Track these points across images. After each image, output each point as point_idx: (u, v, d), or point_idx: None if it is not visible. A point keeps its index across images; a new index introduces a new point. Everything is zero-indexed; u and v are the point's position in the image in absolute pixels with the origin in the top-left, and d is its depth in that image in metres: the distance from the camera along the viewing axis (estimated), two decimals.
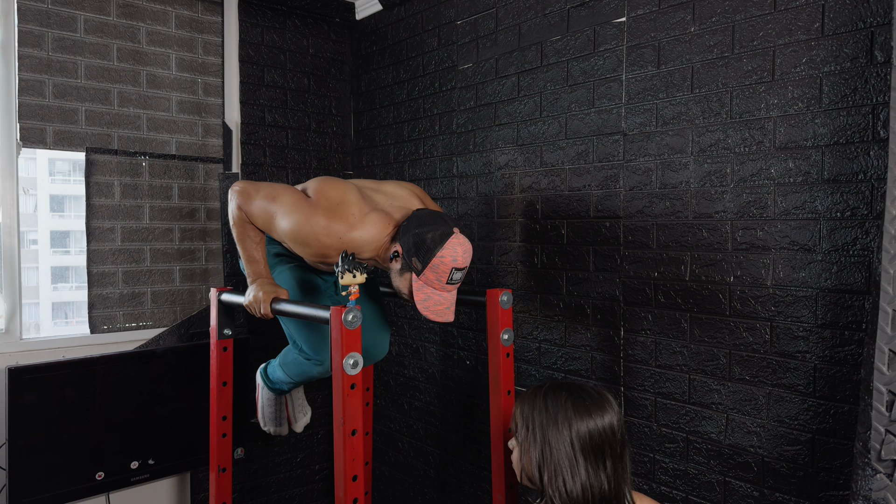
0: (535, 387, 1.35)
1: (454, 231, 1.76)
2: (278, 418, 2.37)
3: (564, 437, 1.24)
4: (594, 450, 1.24)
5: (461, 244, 1.76)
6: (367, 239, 1.84)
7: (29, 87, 2.37)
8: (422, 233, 1.75)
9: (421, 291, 1.78)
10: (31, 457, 2.18)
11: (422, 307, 1.79)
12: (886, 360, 1.29)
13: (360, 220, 1.84)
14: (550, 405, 1.28)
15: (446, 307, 1.81)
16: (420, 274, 1.77)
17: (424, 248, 1.74)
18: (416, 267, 1.77)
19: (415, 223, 1.78)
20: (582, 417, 1.25)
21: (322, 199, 1.87)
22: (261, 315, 1.89)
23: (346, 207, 1.85)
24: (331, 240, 1.82)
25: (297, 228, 1.84)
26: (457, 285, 1.81)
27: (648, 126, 1.96)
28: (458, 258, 1.75)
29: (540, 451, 1.26)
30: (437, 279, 1.76)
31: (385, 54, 3.00)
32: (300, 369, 2.12)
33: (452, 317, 1.82)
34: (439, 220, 1.78)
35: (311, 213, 1.84)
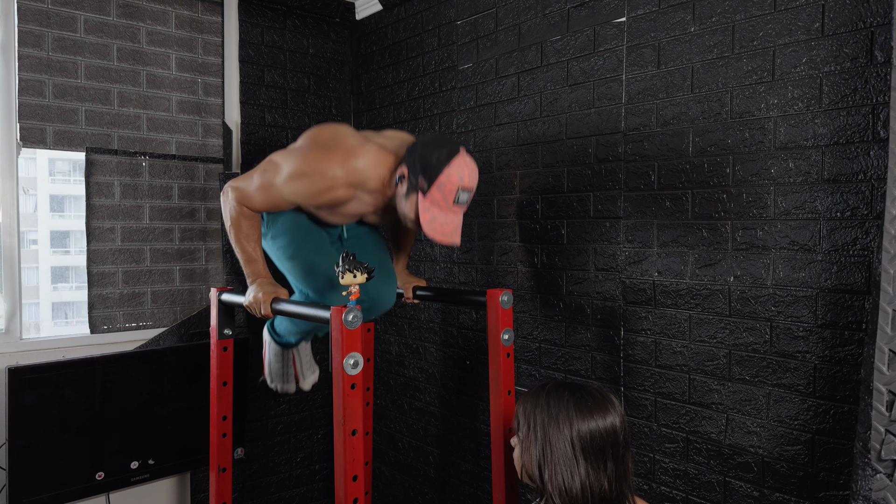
0: (538, 386, 1.35)
1: (460, 150, 1.74)
2: (285, 374, 2.33)
3: (565, 436, 1.24)
4: (595, 450, 1.24)
5: (467, 164, 1.74)
6: (368, 166, 1.82)
7: (29, 87, 2.37)
8: (427, 152, 1.73)
9: (427, 212, 1.76)
10: (31, 457, 2.18)
11: (428, 228, 1.76)
12: (886, 360, 1.29)
13: (359, 149, 1.83)
14: (552, 404, 1.28)
15: (453, 228, 1.78)
16: (426, 193, 1.74)
17: (430, 167, 1.72)
18: (422, 186, 1.74)
19: (420, 144, 1.77)
20: (583, 417, 1.25)
21: (316, 141, 1.88)
22: (261, 315, 1.89)
23: (343, 140, 1.85)
24: (333, 171, 1.79)
25: (298, 170, 1.81)
26: (463, 207, 1.79)
27: (648, 126, 1.96)
28: (464, 177, 1.73)
29: (541, 450, 1.27)
30: (443, 199, 1.74)
31: (385, 54, 3.00)
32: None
33: (459, 240, 1.80)
34: (445, 140, 1.76)
35: (308, 153, 1.83)
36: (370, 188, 1.86)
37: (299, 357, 2.37)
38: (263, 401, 2.95)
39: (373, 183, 1.85)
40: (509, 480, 1.88)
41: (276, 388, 2.34)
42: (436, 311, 2.78)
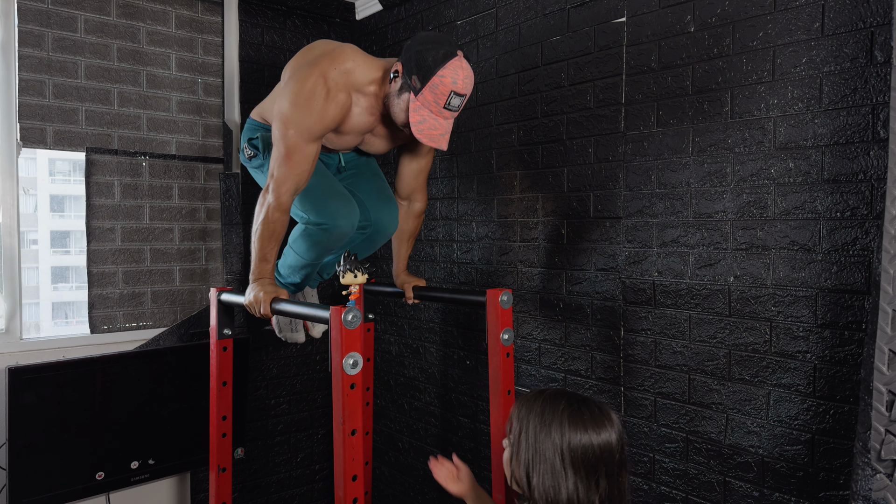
0: (537, 390, 1.33)
1: (458, 53, 1.72)
2: (293, 323, 2.29)
3: (555, 445, 1.21)
4: (586, 466, 1.20)
5: (463, 68, 1.72)
6: (358, 66, 1.82)
7: (29, 87, 2.37)
8: (424, 50, 1.71)
9: (417, 113, 1.75)
10: (31, 457, 2.18)
11: (416, 129, 1.75)
12: (886, 360, 1.29)
13: (340, 51, 1.84)
14: (547, 411, 1.25)
15: (440, 133, 1.77)
16: (418, 93, 1.73)
17: (425, 66, 1.70)
18: (414, 86, 1.73)
19: (418, 41, 1.75)
20: (576, 430, 1.21)
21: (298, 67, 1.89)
22: (261, 315, 1.89)
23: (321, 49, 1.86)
24: (327, 74, 1.79)
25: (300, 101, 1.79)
26: (454, 113, 1.77)
27: (648, 126, 1.96)
28: (458, 81, 1.71)
29: (530, 456, 1.24)
30: (434, 101, 1.72)
31: (385, 54, 3.00)
32: (311, 241, 2.04)
33: (446, 145, 1.79)
34: (443, 40, 1.75)
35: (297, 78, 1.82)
36: (364, 90, 1.86)
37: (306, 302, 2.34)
38: (263, 401, 2.95)
39: (365, 83, 1.84)
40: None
41: (285, 337, 2.29)
42: (436, 311, 2.78)
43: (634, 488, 2.02)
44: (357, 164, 2.23)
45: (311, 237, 2.02)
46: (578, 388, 2.19)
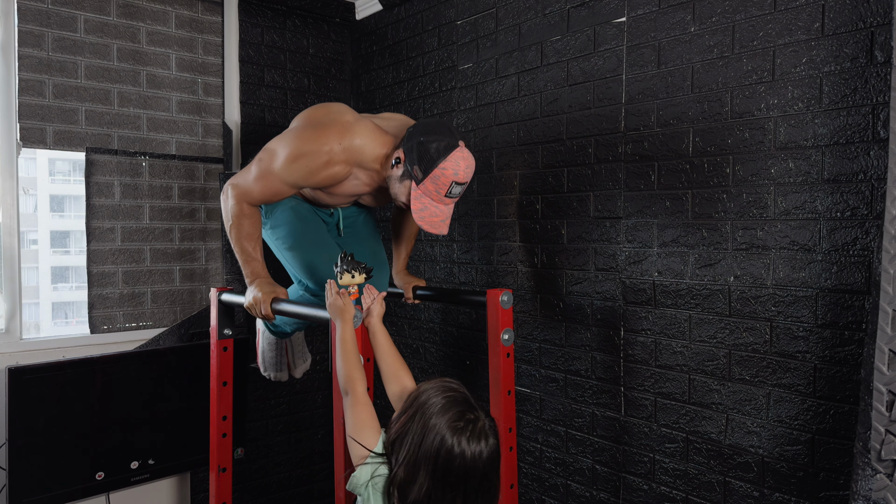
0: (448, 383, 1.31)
1: (459, 144, 1.73)
2: (279, 363, 2.34)
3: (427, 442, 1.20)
4: (445, 472, 1.19)
5: (464, 158, 1.73)
6: (366, 144, 1.82)
7: (29, 87, 2.37)
8: (426, 141, 1.72)
9: (419, 201, 1.76)
10: (31, 457, 2.18)
11: (417, 216, 1.77)
12: (886, 360, 1.29)
13: (356, 125, 1.83)
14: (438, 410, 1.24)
15: (441, 220, 1.79)
16: (420, 183, 1.74)
17: (427, 158, 1.71)
18: (416, 175, 1.74)
19: (420, 130, 1.76)
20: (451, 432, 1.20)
21: (311, 120, 1.88)
22: (261, 315, 1.89)
23: (338, 116, 1.85)
24: (330, 147, 1.79)
25: (295, 151, 1.80)
26: (455, 199, 1.79)
27: (648, 126, 1.96)
28: (459, 172, 1.72)
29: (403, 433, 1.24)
30: (436, 191, 1.74)
31: (385, 54, 3.00)
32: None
33: (447, 230, 1.81)
34: (445, 130, 1.75)
35: (304, 134, 1.83)
36: (367, 166, 1.86)
37: (292, 346, 2.37)
38: (263, 401, 2.95)
39: (370, 161, 1.85)
40: (509, 480, 1.88)
41: (269, 376, 2.35)
42: (436, 311, 2.78)
43: (634, 488, 2.02)
44: (356, 223, 2.24)
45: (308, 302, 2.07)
46: (578, 388, 2.19)
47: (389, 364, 1.59)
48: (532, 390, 2.36)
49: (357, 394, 1.41)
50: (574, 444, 2.22)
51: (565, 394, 2.24)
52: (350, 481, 1.30)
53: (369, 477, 1.27)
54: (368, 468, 1.28)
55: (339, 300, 1.56)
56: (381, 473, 1.26)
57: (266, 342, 2.30)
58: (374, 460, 1.28)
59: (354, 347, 1.50)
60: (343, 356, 1.48)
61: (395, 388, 1.54)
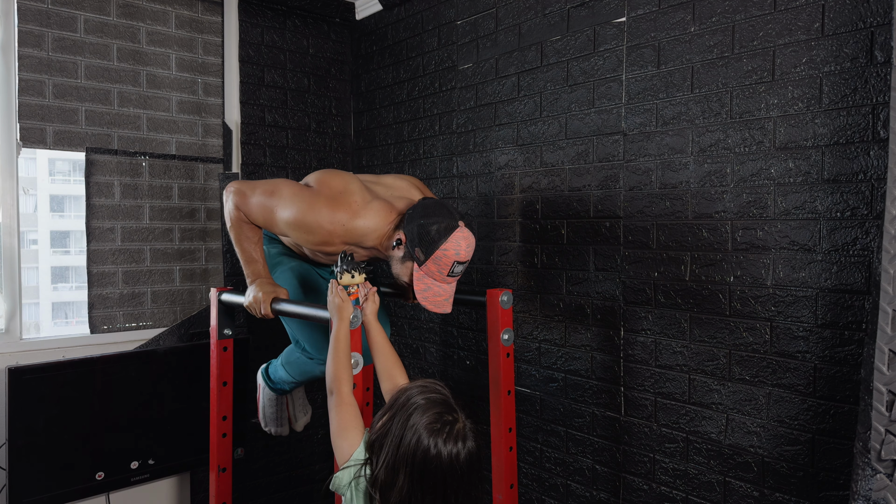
0: (431, 384, 1.31)
1: (459, 224, 1.76)
2: (279, 418, 2.37)
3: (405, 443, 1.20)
4: (422, 473, 1.19)
5: (465, 238, 1.75)
6: (370, 227, 1.84)
7: (29, 87, 2.37)
8: (427, 224, 1.74)
9: (421, 282, 1.78)
10: (31, 457, 2.18)
11: (421, 297, 1.79)
12: (886, 360, 1.29)
13: (363, 208, 1.84)
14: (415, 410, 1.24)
15: (445, 299, 1.81)
16: (422, 265, 1.76)
17: (428, 240, 1.73)
18: (418, 257, 1.76)
19: (420, 213, 1.77)
20: (428, 432, 1.20)
21: (324, 188, 1.88)
22: (261, 315, 1.89)
23: (349, 196, 1.85)
24: (334, 227, 1.82)
25: (300, 217, 1.83)
26: (457, 277, 1.81)
27: (648, 126, 1.96)
28: (461, 252, 1.75)
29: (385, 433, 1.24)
30: (438, 271, 1.76)
31: (385, 54, 3.00)
32: (302, 368, 2.12)
33: (450, 308, 1.82)
34: (445, 212, 1.78)
35: (314, 202, 1.84)
36: (368, 245, 1.89)
37: (292, 401, 2.40)
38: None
39: (371, 240, 1.87)
40: (509, 480, 1.88)
41: (270, 431, 2.38)
42: None
43: (634, 488, 2.02)
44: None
45: (305, 365, 2.10)
46: (578, 388, 2.19)
47: (383, 361, 1.59)
48: (532, 390, 2.36)
49: (342, 394, 1.42)
50: (574, 444, 2.22)
51: (565, 394, 2.24)
52: (333, 482, 1.30)
53: (351, 478, 1.28)
54: (350, 470, 1.28)
55: (337, 298, 1.56)
56: (364, 474, 1.27)
57: (266, 398, 2.32)
58: (356, 461, 1.29)
59: (347, 347, 1.50)
60: (334, 355, 1.48)
61: (387, 386, 1.55)
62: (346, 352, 1.50)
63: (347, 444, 1.32)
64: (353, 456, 1.29)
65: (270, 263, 2.08)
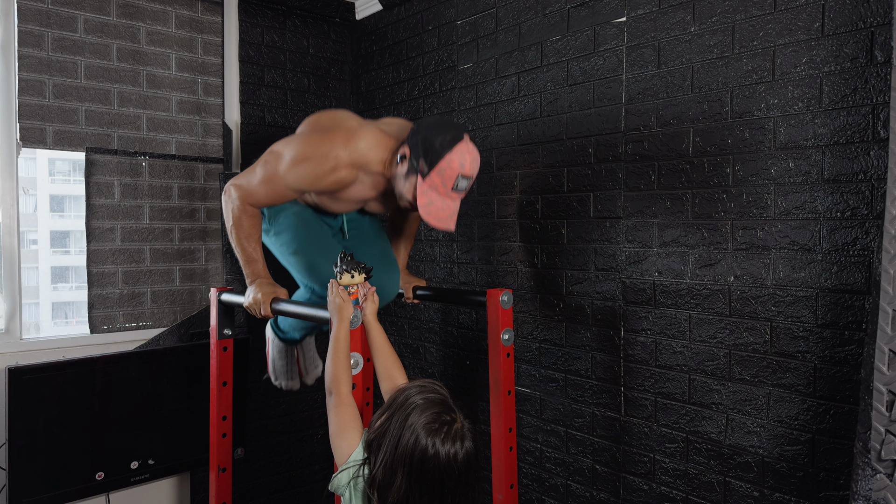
0: (429, 384, 1.31)
1: (464, 137, 1.73)
2: (290, 371, 2.32)
3: (403, 441, 1.20)
4: (420, 473, 1.19)
5: (469, 151, 1.73)
6: (370, 147, 1.83)
7: (29, 87, 2.37)
8: (431, 135, 1.72)
9: (424, 196, 1.76)
10: (31, 457, 2.18)
11: (424, 212, 1.76)
12: (886, 360, 1.29)
13: (359, 130, 1.84)
14: (413, 410, 1.23)
15: (448, 215, 1.78)
16: (425, 177, 1.74)
17: (432, 151, 1.71)
18: (421, 169, 1.74)
19: (424, 126, 1.76)
20: (427, 434, 1.20)
21: (316, 125, 1.90)
22: (261, 316, 1.89)
23: (343, 122, 1.86)
24: (335, 152, 1.80)
25: (299, 155, 1.81)
26: (461, 194, 1.78)
27: (648, 126, 1.96)
28: (465, 164, 1.72)
29: (383, 433, 1.24)
30: (442, 184, 1.74)
31: (385, 54, 3.00)
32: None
33: (454, 226, 1.80)
34: (449, 125, 1.76)
35: (309, 138, 1.83)
36: (372, 170, 1.86)
37: (303, 353, 2.36)
38: (263, 401, 2.95)
39: (374, 164, 1.85)
40: (509, 480, 1.88)
41: (281, 384, 2.33)
42: (436, 311, 2.78)
43: (634, 488, 2.02)
44: (360, 225, 2.23)
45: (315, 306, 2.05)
46: (578, 388, 2.19)
47: (383, 362, 1.59)
48: (532, 390, 2.36)
49: (341, 394, 1.42)
50: (574, 444, 2.22)
51: (565, 394, 2.24)
52: (332, 482, 1.30)
53: (350, 478, 1.28)
54: (349, 471, 1.28)
55: (338, 299, 1.56)
56: (362, 474, 1.27)
57: (276, 350, 2.29)
58: (355, 461, 1.29)
59: (346, 348, 1.50)
60: (333, 355, 1.48)
61: (387, 386, 1.54)
62: (345, 352, 1.50)
63: (346, 444, 1.32)
64: (351, 456, 1.29)
65: (273, 210, 2.04)
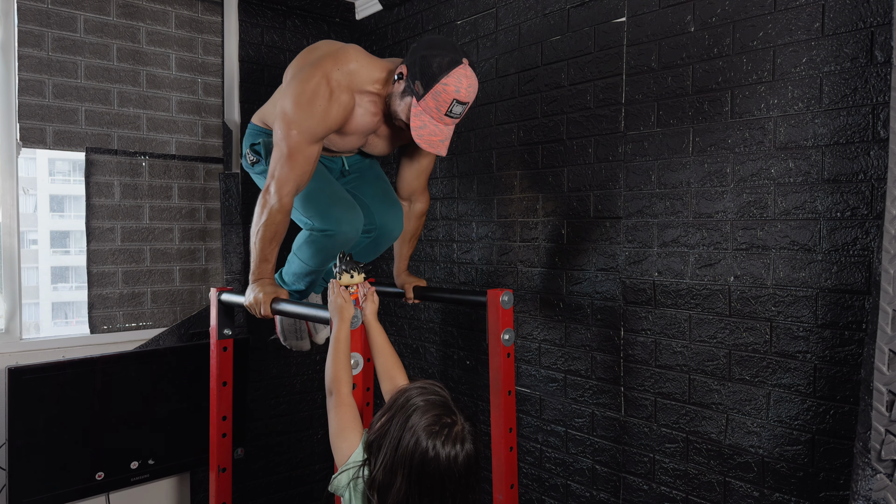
0: (430, 386, 1.30)
1: (463, 61, 1.71)
2: (298, 331, 2.29)
3: (404, 443, 1.20)
4: (420, 475, 1.19)
5: (467, 76, 1.71)
6: (361, 66, 1.82)
7: (29, 87, 2.37)
8: (429, 55, 1.71)
9: (418, 118, 1.75)
10: (31, 457, 2.18)
11: (416, 134, 1.76)
12: (886, 360, 1.29)
13: (344, 52, 1.84)
14: (414, 412, 1.23)
15: (440, 139, 1.77)
16: (420, 99, 1.73)
17: (429, 73, 1.70)
18: (417, 91, 1.72)
19: (424, 45, 1.74)
20: (427, 435, 1.20)
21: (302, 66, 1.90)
22: (261, 316, 1.89)
23: (325, 49, 1.87)
24: (330, 75, 1.79)
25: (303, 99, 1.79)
26: (455, 120, 1.77)
27: (648, 126, 1.96)
28: (461, 90, 1.70)
29: (383, 434, 1.24)
30: (436, 107, 1.72)
31: (385, 54, 3.00)
32: (315, 247, 2.03)
33: (445, 151, 1.79)
34: (449, 46, 1.74)
35: (301, 77, 1.83)
36: (367, 89, 1.86)
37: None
38: (263, 401, 2.95)
39: (368, 83, 1.84)
40: (509, 481, 1.88)
41: (290, 345, 2.29)
42: (436, 311, 2.78)
43: (634, 488, 2.02)
44: (361, 167, 2.23)
45: (316, 243, 2.02)
46: (578, 388, 2.19)
47: (384, 362, 1.59)
48: (532, 390, 2.36)
49: (342, 395, 1.42)
50: (574, 444, 2.22)
51: (565, 394, 2.24)
52: (332, 483, 1.30)
53: (349, 479, 1.27)
54: (349, 472, 1.28)
55: (339, 299, 1.56)
56: (362, 475, 1.27)
57: None
58: (355, 462, 1.28)
59: (347, 348, 1.50)
60: (334, 355, 1.48)
61: (388, 387, 1.54)
62: (346, 352, 1.50)
63: (346, 445, 1.32)
64: (351, 457, 1.29)
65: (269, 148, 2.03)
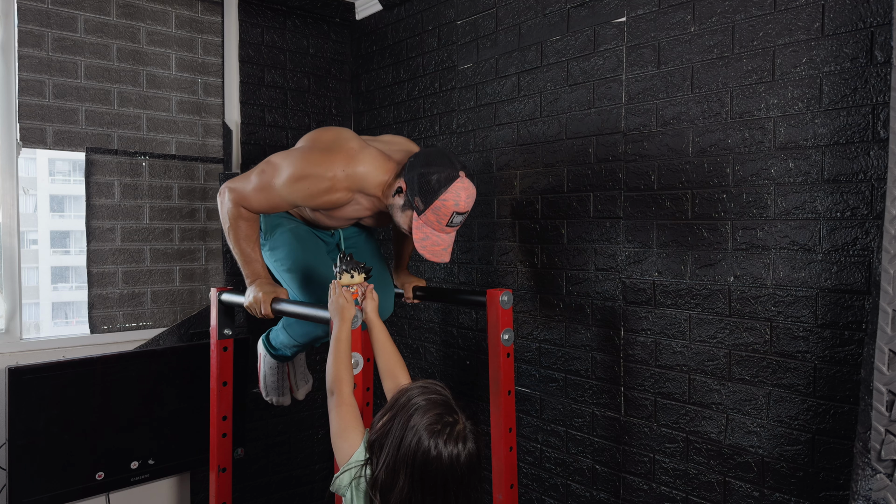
0: (431, 385, 1.30)
1: (459, 175, 1.74)
2: (281, 387, 2.34)
3: (405, 443, 1.20)
4: (422, 474, 1.19)
5: (465, 189, 1.74)
6: (369, 171, 1.84)
7: (29, 87, 2.37)
8: (427, 173, 1.73)
9: (420, 231, 1.78)
10: (31, 457, 2.18)
11: (419, 245, 1.79)
12: (886, 360, 1.29)
13: (360, 153, 1.84)
14: (415, 411, 1.23)
15: (443, 248, 1.81)
16: (421, 214, 1.76)
17: (428, 189, 1.73)
18: (417, 206, 1.76)
19: (421, 161, 1.77)
20: (429, 435, 1.20)
21: (317, 142, 1.89)
22: (261, 315, 1.89)
23: (344, 143, 1.86)
24: (334, 173, 1.80)
25: (297, 172, 1.81)
26: (456, 228, 1.81)
27: (648, 126, 1.96)
28: (460, 203, 1.74)
29: (385, 433, 1.24)
30: (437, 221, 1.76)
31: (385, 54, 3.00)
32: (305, 328, 2.08)
33: (448, 258, 1.83)
34: (446, 161, 1.76)
35: (309, 155, 1.84)
36: (369, 193, 1.88)
37: (293, 368, 2.38)
38: (263, 401, 2.95)
39: (372, 188, 1.86)
40: (509, 480, 1.88)
41: (272, 400, 2.36)
42: (436, 311, 2.78)
43: (634, 488, 2.02)
44: (356, 243, 2.25)
45: (307, 325, 2.07)
46: (578, 388, 2.19)
47: (386, 360, 1.59)
48: (532, 390, 2.36)
49: (343, 395, 1.42)
50: (574, 444, 2.22)
51: (565, 394, 2.24)
52: (333, 483, 1.30)
53: (351, 479, 1.28)
54: (350, 472, 1.28)
55: (341, 299, 1.56)
56: (364, 475, 1.27)
57: (267, 367, 2.30)
58: (356, 462, 1.29)
59: (347, 348, 1.51)
60: (335, 355, 1.48)
61: (390, 385, 1.55)
62: (346, 352, 1.50)
63: (348, 444, 1.32)
64: (353, 457, 1.29)
65: (269, 226, 2.05)
